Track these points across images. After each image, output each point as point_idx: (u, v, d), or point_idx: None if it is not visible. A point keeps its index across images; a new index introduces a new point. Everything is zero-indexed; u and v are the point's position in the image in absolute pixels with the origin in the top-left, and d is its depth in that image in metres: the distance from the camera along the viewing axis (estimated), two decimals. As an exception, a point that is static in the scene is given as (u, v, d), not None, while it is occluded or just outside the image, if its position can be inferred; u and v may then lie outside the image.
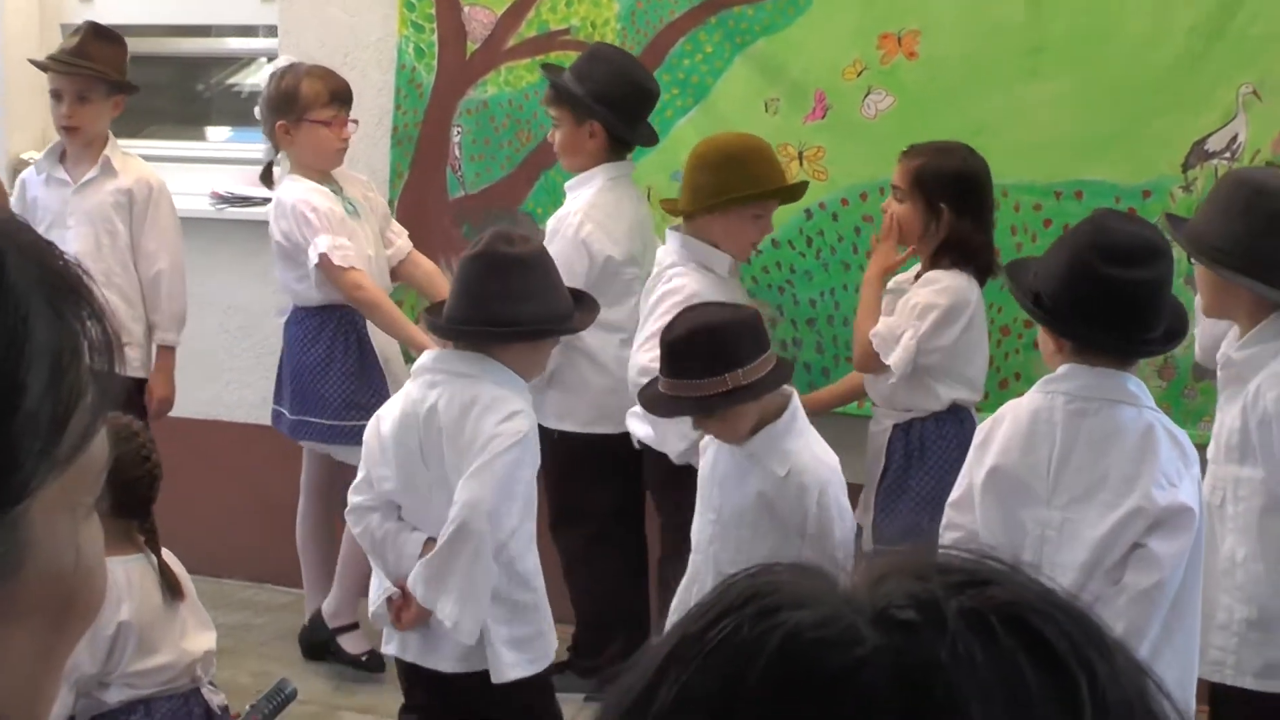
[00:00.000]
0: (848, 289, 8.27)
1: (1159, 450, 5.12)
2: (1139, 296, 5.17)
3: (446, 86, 9.09)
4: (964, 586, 1.03)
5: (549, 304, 5.90)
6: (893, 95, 8.27)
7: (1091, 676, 0.99)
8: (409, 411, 5.86)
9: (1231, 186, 5.75)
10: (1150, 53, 7.85)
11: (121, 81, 8.55)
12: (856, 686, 0.97)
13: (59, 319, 1.23)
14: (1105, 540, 5.11)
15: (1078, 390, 5.27)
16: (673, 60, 8.65)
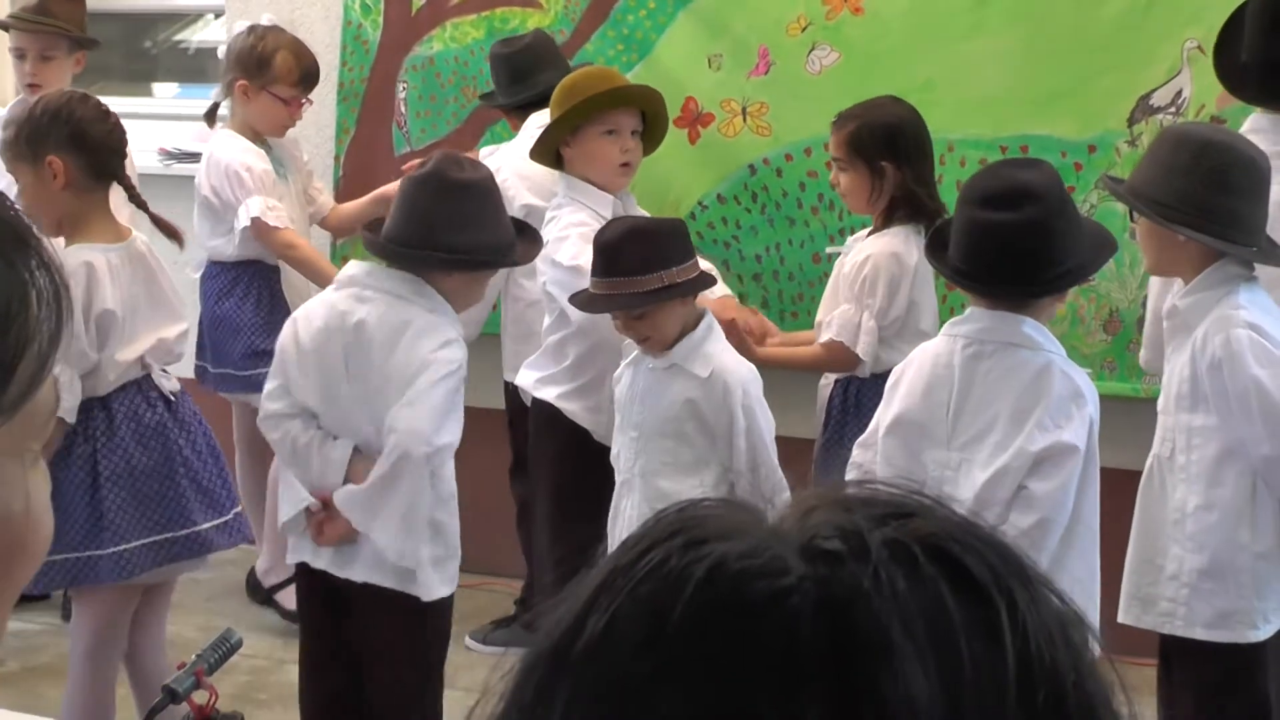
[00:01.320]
0: (792, 244, 8.34)
1: (1049, 391, 5.20)
2: (1009, 238, 5.23)
3: (392, 43, 9.05)
4: (888, 518, 1.02)
5: (493, 233, 5.84)
6: (838, 51, 8.22)
7: (1012, 605, 0.99)
8: (333, 323, 5.77)
9: (1175, 142, 5.68)
10: (1096, 8, 7.84)
11: (83, 38, 8.56)
12: (781, 614, 0.96)
13: (7, 268, 1.25)
14: (992, 480, 5.19)
15: (975, 333, 5.35)
16: (617, 16, 8.61)
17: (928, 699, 0.92)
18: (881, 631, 0.94)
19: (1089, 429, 5.23)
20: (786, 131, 8.29)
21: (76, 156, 6.07)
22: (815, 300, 7.80)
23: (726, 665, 0.96)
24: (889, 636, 0.94)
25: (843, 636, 0.95)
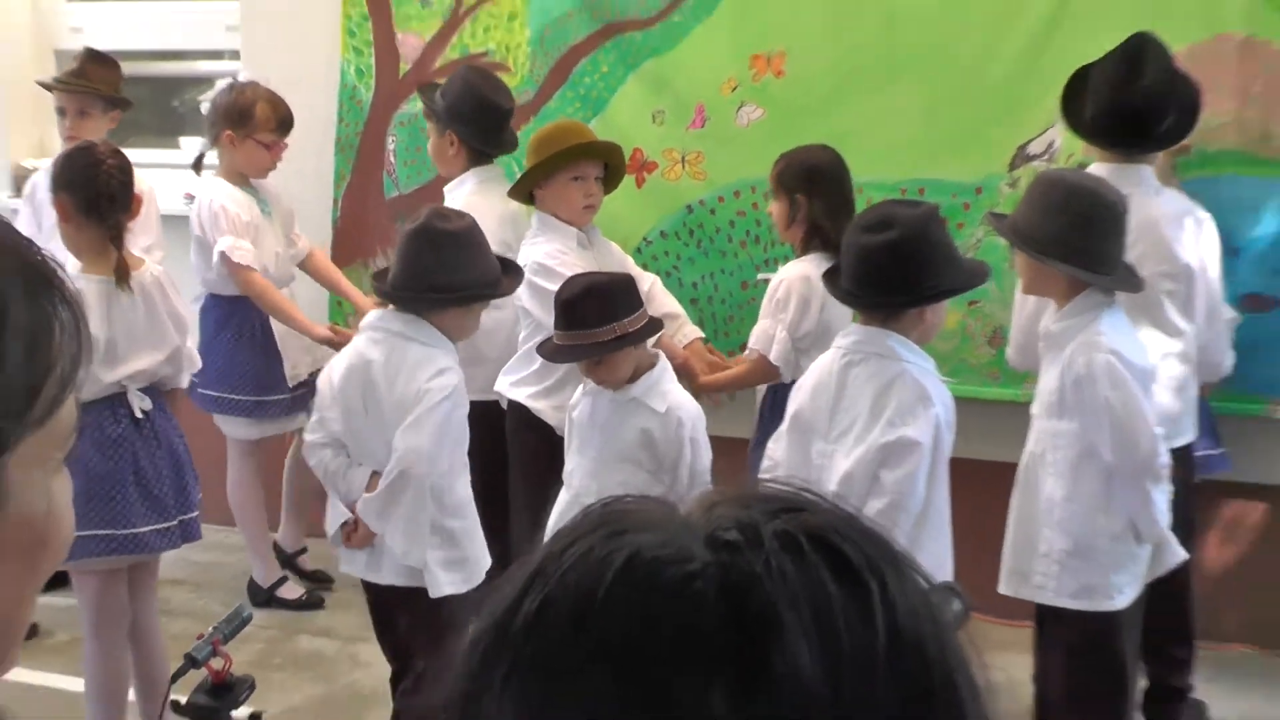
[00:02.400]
0: (724, 273, 8.41)
1: (899, 395, 5.35)
2: (873, 258, 5.40)
3: (382, 102, 9.08)
4: (780, 513, 1.08)
5: (478, 272, 5.91)
6: (763, 108, 8.28)
7: (883, 586, 1.05)
8: (354, 365, 5.89)
9: (1048, 186, 5.82)
10: (984, 71, 7.89)
11: (116, 98, 8.58)
12: (688, 596, 1.01)
13: (34, 304, 1.26)
14: (850, 470, 5.34)
15: (850, 345, 5.55)
16: (575, 79, 8.66)
17: (811, 669, 0.98)
18: (772, 611, 1.00)
19: (935, 427, 5.36)
20: (719, 176, 8.35)
21: (72, 197, 6.23)
22: (744, 320, 7.93)
23: (643, 641, 1.01)
24: (779, 615, 1.00)
25: (740, 615, 1.00)
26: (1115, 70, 6.55)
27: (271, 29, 9.29)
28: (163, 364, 6.33)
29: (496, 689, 1.05)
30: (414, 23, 8.96)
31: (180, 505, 6.34)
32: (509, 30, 8.76)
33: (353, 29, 9.09)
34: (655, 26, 8.46)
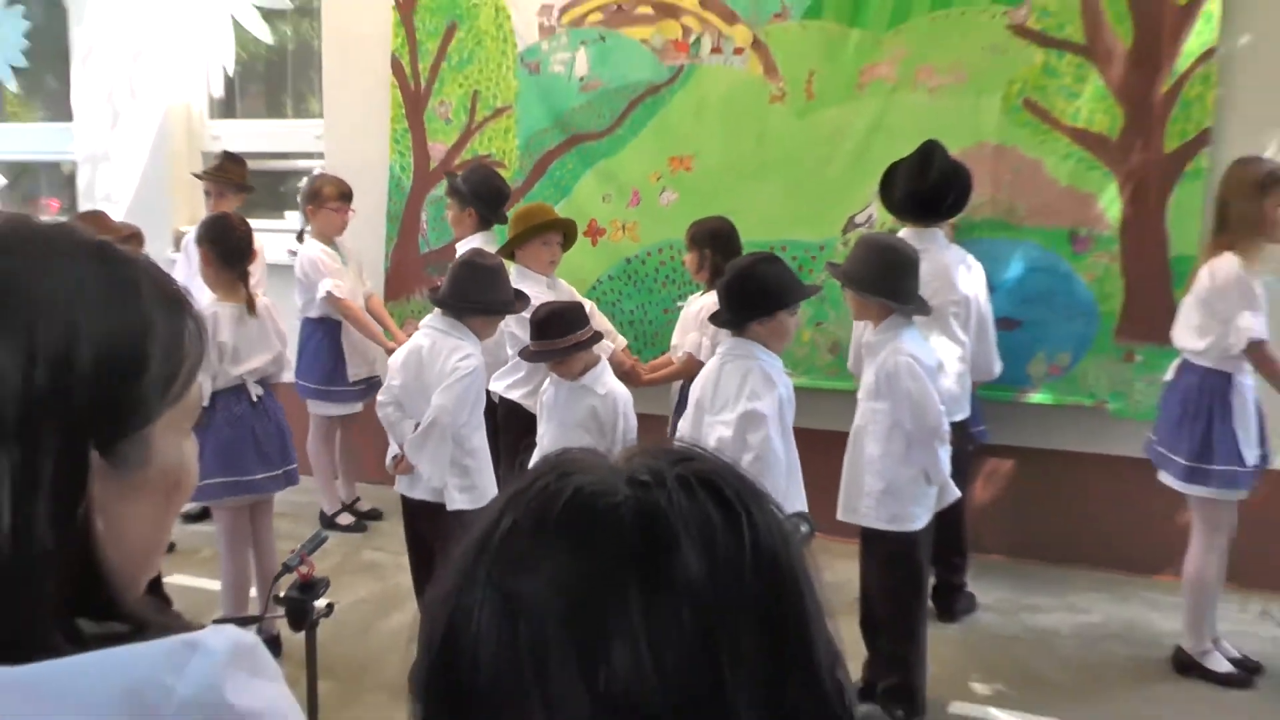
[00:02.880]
0: (651, 305, 8.41)
1: (752, 380, 5.38)
2: (738, 281, 5.47)
3: (417, 187, 9.04)
4: (679, 462, 1.13)
5: (500, 294, 6.00)
6: (677, 192, 8.27)
7: (749, 514, 1.09)
8: (412, 349, 5.95)
9: (866, 244, 5.83)
10: (825, 168, 7.91)
11: (243, 185, 8.59)
12: (614, 520, 1.07)
13: (169, 316, 1.30)
14: (723, 434, 5.34)
15: (724, 350, 5.58)
16: (550, 172, 8.65)
17: (696, 570, 1.04)
18: (672, 530, 1.06)
19: (779, 402, 5.38)
20: (647, 239, 8.34)
21: (213, 250, 6.31)
22: (664, 335, 7.88)
23: (582, 549, 1.06)
24: (676, 533, 1.05)
25: (650, 533, 1.05)
26: (913, 167, 6.60)
27: (344, 139, 9.27)
28: (270, 364, 6.40)
29: (480, 580, 1.09)
30: (439, 134, 8.93)
31: (284, 460, 6.39)
32: (505, 140, 8.75)
33: (398, 138, 9.05)
34: (605, 139, 8.46)
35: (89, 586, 1.20)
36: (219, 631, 1.19)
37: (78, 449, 1.19)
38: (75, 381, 1.19)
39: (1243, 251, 5.87)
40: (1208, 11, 7.06)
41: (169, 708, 1.11)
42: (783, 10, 7.92)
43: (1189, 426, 6.02)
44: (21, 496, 1.15)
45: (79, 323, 1.20)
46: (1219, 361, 5.95)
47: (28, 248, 1.23)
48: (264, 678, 1.20)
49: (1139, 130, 7.26)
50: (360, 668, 6.26)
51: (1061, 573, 7.59)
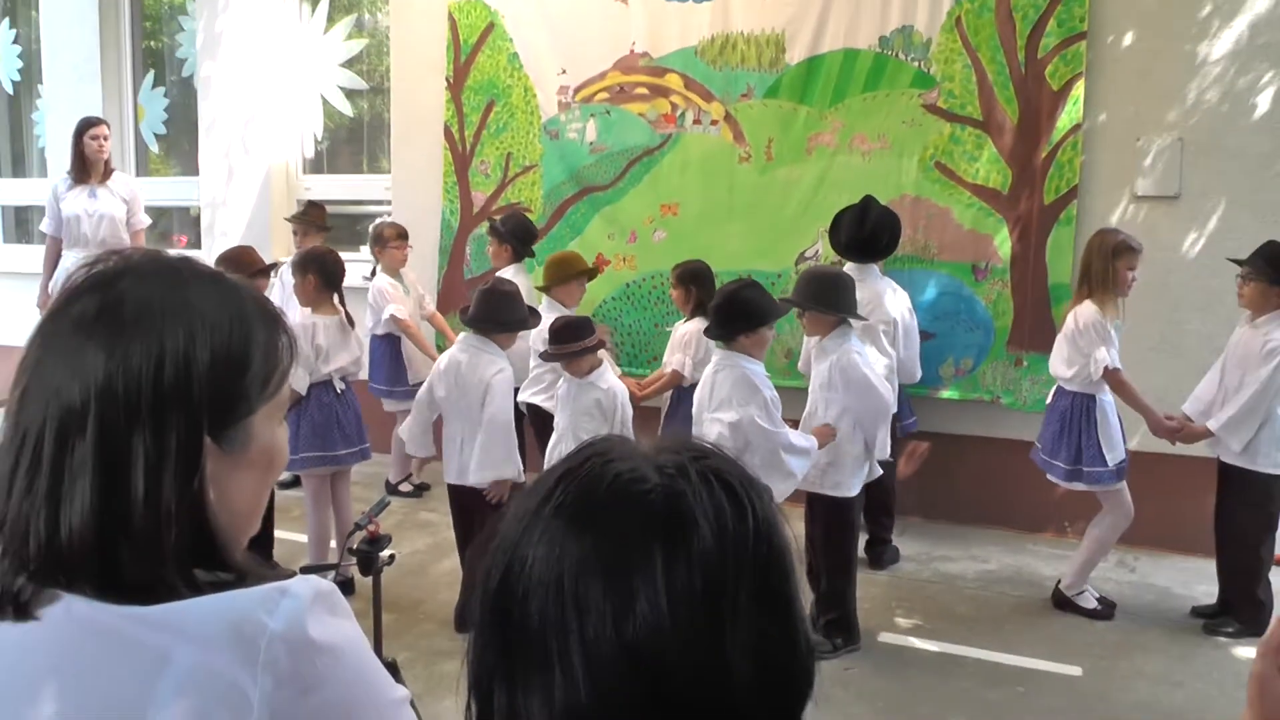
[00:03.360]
0: (644, 323, 8.24)
1: (743, 387, 5.21)
2: (726, 304, 5.30)
3: (464, 227, 8.86)
4: (698, 458, 1.09)
5: (518, 314, 5.84)
6: (667, 231, 8.11)
7: (753, 503, 1.07)
8: (451, 361, 5.76)
9: (814, 274, 5.79)
10: (781, 213, 7.80)
11: (324, 226, 8.34)
12: (646, 502, 1.04)
13: (267, 329, 1.30)
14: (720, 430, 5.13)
15: (717, 360, 5.38)
16: (566, 217, 8.47)
17: (710, 544, 1.02)
18: (691, 513, 1.04)
19: (765, 405, 5.19)
20: (643, 268, 8.17)
21: (318, 276, 6.14)
22: (654, 346, 7.91)
23: (620, 522, 1.04)
24: (694, 516, 1.03)
25: (674, 513, 1.03)
26: (854, 216, 6.61)
27: (406, 190, 9.10)
28: (352, 364, 6.25)
29: (535, 538, 1.06)
30: (480, 186, 8.75)
31: (360, 440, 6.26)
32: (532, 191, 8.58)
33: (448, 189, 8.88)
34: (609, 190, 8.30)
35: (203, 543, 1.22)
36: (304, 580, 1.22)
37: (195, 433, 1.21)
38: (194, 379, 1.21)
39: (1100, 301, 5.90)
40: (1075, 95, 7.07)
41: (263, 639, 1.14)
42: (748, 91, 7.81)
43: (1067, 438, 6.03)
44: (151, 470, 1.19)
45: (197, 333, 1.23)
46: (1084, 386, 5.98)
47: (160, 276, 1.26)
48: (339, 616, 1.23)
49: (1024, 186, 7.22)
50: (416, 603, 6.15)
51: (966, 530, 7.50)
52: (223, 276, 1.32)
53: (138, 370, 1.19)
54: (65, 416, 1.19)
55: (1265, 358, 5.66)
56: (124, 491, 1.18)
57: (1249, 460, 5.76)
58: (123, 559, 1.17)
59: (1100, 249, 5.92)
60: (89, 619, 1.16)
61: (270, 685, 1.13)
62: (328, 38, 9.69)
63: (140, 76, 10.82)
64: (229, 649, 1.13)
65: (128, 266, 1.26)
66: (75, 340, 1.21)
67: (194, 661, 1.13)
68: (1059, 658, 5.56)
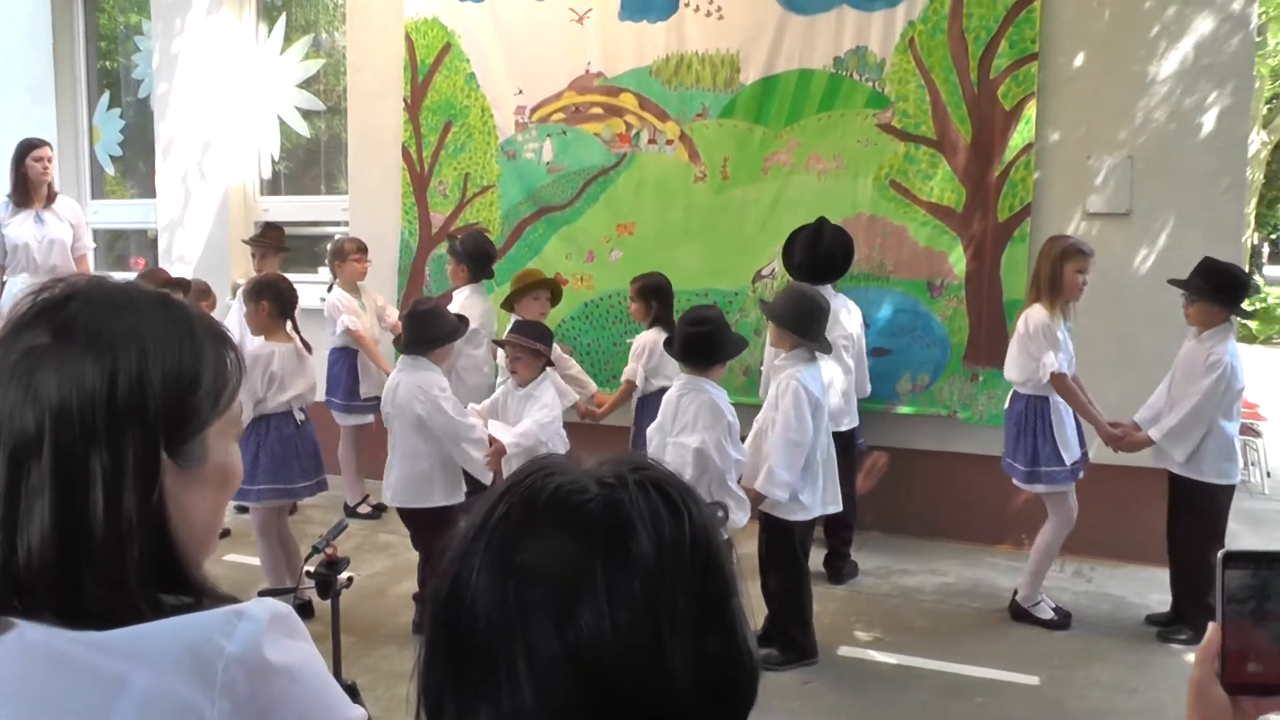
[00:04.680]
0: (604, 340, 8.24)
1: (707, 412, 5.26)
2: (700, 339, 5.32)
3: (423, 247, 8.85)
4: (637, 469, 1.11)
5: (444, 327, 5.87)
6: (623, 250, 8.14)
7: (690, 512, 1.09)
8: (392, 382, 5.84)
9: (793, 291, 5.81)
10: (737, 232, 7.85)
11: (281, 247, 8.28)
12: (586, 511, 1.06)
13: (215, 347, 1.32)
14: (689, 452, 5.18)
15: (680, 385, 5.42)
16: (524, 237, 8.49)
17: (650, 552, 1.04)
18: (630, 520, 1.05)
19: (723, 429, 5.24)
20: (601, 287, 8.19)
21: (272, 303, 6.03)
22: (614, 361, 7.92)
23: (561, 532, 1.05)
24: (633, 523, 1.05)
25: (613, 522, 1.05)
26: (808, 238, 6.72)
27: (364, 211, 9.07)
28: (308, 392, 6.13)
29: (481, 549, 1.07)
30: (439, 207, 8.76)
31: (317, 472, 6.16)
32: (490, 211, 8.60)
33: (407, 210, 8.88)
34: (566, 210, 8.34)
35: (164, 562, 1.22)
36: (261, 602, 1.22)
37: (152, 449, 1.22)
38: (149, 396, 1.23)
39: (1049, 305, 5.99)
40: (1027, 115, 7.16)
41: (220, 662, 1.14)
42: (704, 110, 7.87)
43: (1023, 441, 6.10)
44: (110, 487, 1.19)
45: (149, 351, 1.24)
46: (1035, 389, 6.06)
47: (108, 299, 1.27)
48: (296, 639, 1.23)
49: (978, 204, 7.29)
50: (375, 625, 6.10)
51: (924, 544, 7.54)
52: (169, 298, 1.33)
53: (91, 390, 1.20)
54: (19, 441, 1.19)
55: (1206, 370, 5.78)
56: (83, 510, 1.18)
57: (1195, 472, 5.86)
58: (84, 581, 1.17)
59: (1049, 253, 6.02)
60: (42, 645, 1.15)
61: (228, 708, 1.14)
62: (284, 58, 9.67)
63: (95, 98, 10.77)
64: (186, 673, 1.13)
65: (75, 292, 1.27)
66: (26, 366, 1.21)
67: (151, 686, 1.13)
68: (1017, 668, 5.61)
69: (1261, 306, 23.15)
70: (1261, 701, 1.35)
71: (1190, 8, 6.86)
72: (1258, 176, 20.44)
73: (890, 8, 7.37)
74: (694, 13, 7.86)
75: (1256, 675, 1.34)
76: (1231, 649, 1.34)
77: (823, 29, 7.54)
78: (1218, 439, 5.82)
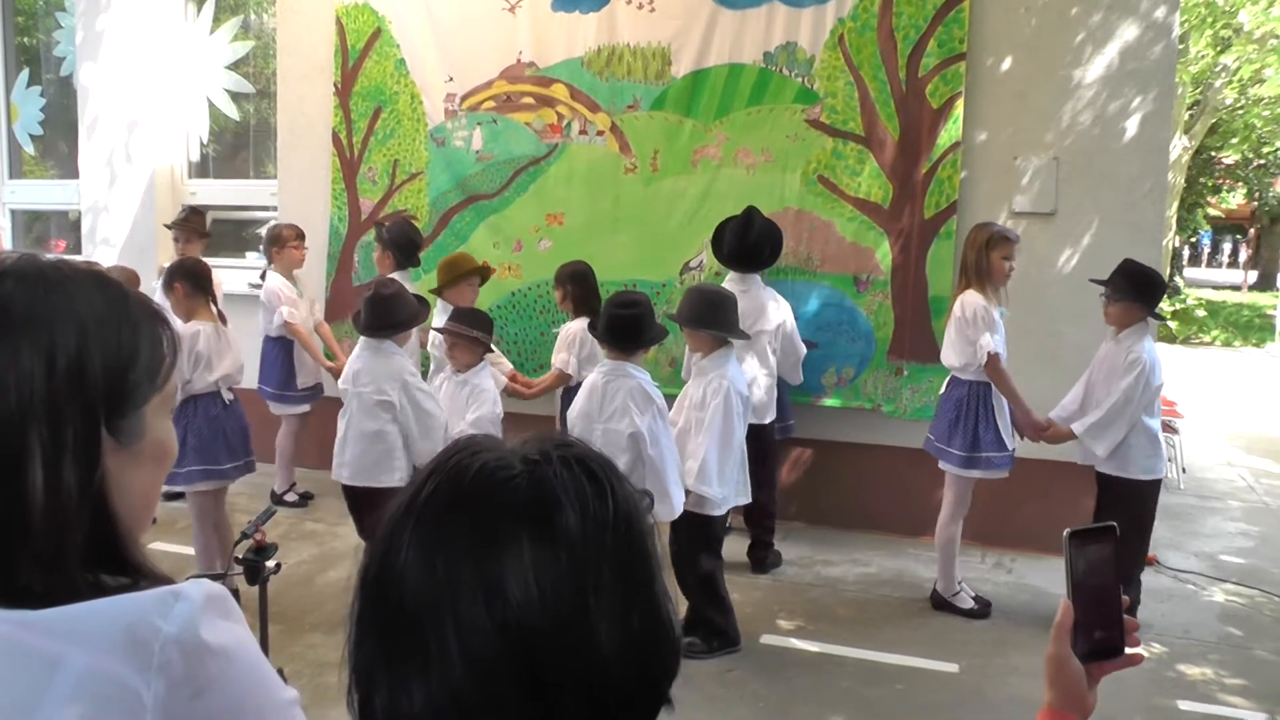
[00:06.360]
0: (529, 330, 8.26)
1: (637, 397, 5.27)
2: (626, 322, 5.33)
3: (352, 233, 8.80)
4: (560, 447, 1.13)
5: (406, 312, 5.84)
6: (552, 240, 8.14)
7: (612, 486, 1.11)
8: (353, 365, 5.76)
9: (696, 292, 5.82)
10: (665, 224, 7.89)
11: (204, 232, 8.27)
12: (512, 487, 1.08)
13: (154, 326, 1.33)
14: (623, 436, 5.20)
15: (607, 370, 5.37)
16: (451, 225, 8.47)
17: (574, 525, 1.07)
18: (554, 494, 1.07)
19: (654, 412, 5.24)
20: (529, 277, 8.20)
21: (185, 282, 6.00)
22: (540, 352, 7.96)
23: (487, 507, 1.07)
24: (558, 497, 1.07)
25: (539, 497, 1.07)
26: (737, 227, 6.77)
27: (293, 195, 9.01)
28: (235, 371, 6.09)
29: (409, 528, 1.09)
30: (368, 193, 8.71)
31: (245, 453, 6.12)
32: (418, 198, 8.56)
33: (336, 195, 8.82)
34: (495, 199, 8.33)
35: (104, 540, 1.22)
36: (197, 583, 1.22)
37: (93, 424, 1.23)
38: (88, 371, 1.23)
39: (980, 290, 6.10)
40: (955, 114, 7.26)
41: (157, 642, 1.15)
42: (634, 103, 7.89)
43: (963, 426, 6.18)
44: (50, 462, 1.19)
45: (87, 328, 1.24)
46: (976, 374, 6.16)
47: (43, 276, 1.27)
48: (231, 620, 1.23)
49: (905, 201, 7.38)
50: (302, 613, 6.06)
51: (847, 535, 7.63)
52: (104, 275, 1.32)
53: (29, 366, 1.19)
54: None
55: (1127, 369, 5.89)
56: (21, 486, 1.17)
57: (1121, 469, 5.94)
58: (22, 559, 1.17)
59: (975, 241, 6.14)
60: None
61: (163, 688, 1.14)
62: (213, 39, 9.55)
63: (13, 75, 10.58)
64: (122, 653, 1.13)
65: (6, 270, 1.25)
66: None
67: (86, 666, 1.12)
68: (937, 656, 5.70)
69: (1181, 308, 23.69)
70: (1106, 664, 1.46)
71: (1115, 15, 7.00)
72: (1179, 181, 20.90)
73: (820, 4, 7.43)
74: (626, 5, 7.89)
75: (1101, 640, 1.45)
76: (1080, 620, 1.45)
77: (753, 24, 7.59)
78: (1142, 435, 5.92)
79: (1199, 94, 21.01)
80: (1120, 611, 1.45)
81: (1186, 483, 9.71)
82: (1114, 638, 1.44)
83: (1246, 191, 34.58)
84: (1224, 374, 18.32)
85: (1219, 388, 16.34)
